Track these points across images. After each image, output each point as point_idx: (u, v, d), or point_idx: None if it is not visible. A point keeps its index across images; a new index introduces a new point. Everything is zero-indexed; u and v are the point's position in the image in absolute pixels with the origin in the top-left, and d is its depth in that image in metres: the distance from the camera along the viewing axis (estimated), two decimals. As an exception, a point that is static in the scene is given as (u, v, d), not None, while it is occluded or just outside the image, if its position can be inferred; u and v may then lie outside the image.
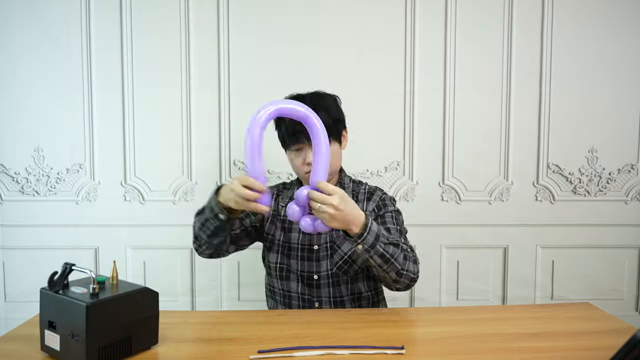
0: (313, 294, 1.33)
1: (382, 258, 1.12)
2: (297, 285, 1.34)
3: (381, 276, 1.17)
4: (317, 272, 1.33)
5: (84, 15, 1.95)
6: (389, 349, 0.94)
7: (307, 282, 1.33)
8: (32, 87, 1.96)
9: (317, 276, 1.33)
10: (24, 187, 1.99)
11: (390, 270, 1.13)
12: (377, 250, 1.10)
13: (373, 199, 1.38)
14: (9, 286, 2.03)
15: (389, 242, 1.13)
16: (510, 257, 2.06)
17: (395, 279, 1.16)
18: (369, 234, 1.08)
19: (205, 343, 1.01)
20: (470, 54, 1.99)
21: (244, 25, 1.97)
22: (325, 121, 1.12)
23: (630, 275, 2.08)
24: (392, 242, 1.14)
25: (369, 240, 1.09)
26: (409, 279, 1.17)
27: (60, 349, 0.88)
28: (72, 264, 0.91)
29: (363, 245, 1.09)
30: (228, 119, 1.99)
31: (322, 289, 1.33)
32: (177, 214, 2.01)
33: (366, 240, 1.09)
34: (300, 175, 1.34)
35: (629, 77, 2.00)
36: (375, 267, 1.14)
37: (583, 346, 0.98)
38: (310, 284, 1.33)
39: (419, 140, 2.01)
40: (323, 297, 1.33)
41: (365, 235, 1.08)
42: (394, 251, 1.13)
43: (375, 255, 1.11)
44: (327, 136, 1.08)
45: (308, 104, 1.16)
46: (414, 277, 1.18)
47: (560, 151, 2.02)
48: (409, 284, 1.18)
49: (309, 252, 1.34)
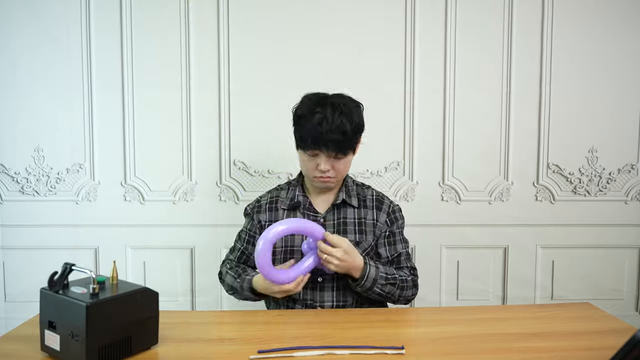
0: (316, 299, 1.30)
1: (380, 296, 1.27)
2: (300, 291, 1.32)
3: (380, 300, 1.32)
4: (321, 274, 1.30)
5: (84, 15, 1.95)
6: (389, 349, 0.94)
7: (310, 285, 1.29)
8: (32, 87, 1.96)
9: (320, 279, 1.31)
10: (24, 187, 1.99)
11: (389, 299, 1.31)
12: (374, 291, 1.25)
13: (383, 210, 1.37)
14: (9, 286, 2.03)
15: (386, 283, 1.25)
16: (510, 257, 2.06)
17: (394, 301, 1.33)
18: (366, 280, 1.22)
19: (205, 343, 1.01)
20: (470, 54, 1.99)
21: (244, 25, 1.97)
22: (344, 130, 1.22)
23: (630, 275, 2.08)
24: (389, 282, 1.26)
25: (366, 285, 1.23)
26: (406, 301, 1.32)
27: (60, 349, 0.88)
28: (72, 264, 0.91)
29: (361, 288, 1.24)
30: (228, 119, 1.99)
31: (326, 292, 1.31)
32: (177, 214, 2.01)
33: (364, 286, 1.23)
34: (308, 176, 1.33)
35: (629, 77, 2.00)
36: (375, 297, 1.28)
37: (583, 346, 0.98)
38: (314, 287, 1.31)
39: (419, 140, 2.01)
40: (326, 301, 1.30)
41: (363, 282, 1.22)
42: (390, 289, 1.26)
43: (373, 294, 1.26)
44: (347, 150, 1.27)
45: (330, 103, 1.24)
46: (411, 299, 1.33)
47: (560, 151, 2.02)
48: (405, 303, 1.34)
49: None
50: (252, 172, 2.01)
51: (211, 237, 2.01)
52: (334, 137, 1.22)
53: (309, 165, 1.29)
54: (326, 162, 1.26)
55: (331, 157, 1.26)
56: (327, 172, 1.28)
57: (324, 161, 1.26)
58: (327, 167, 1.27)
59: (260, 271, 1.16)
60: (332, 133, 1.22)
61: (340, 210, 1.35)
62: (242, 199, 2.00)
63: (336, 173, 1.29)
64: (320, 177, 1.29)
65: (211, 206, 2.02)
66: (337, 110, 1.24)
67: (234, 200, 2.02)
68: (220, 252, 2.01)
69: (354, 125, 1.26)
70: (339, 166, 1.28)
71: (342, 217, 1.34)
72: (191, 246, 2.03)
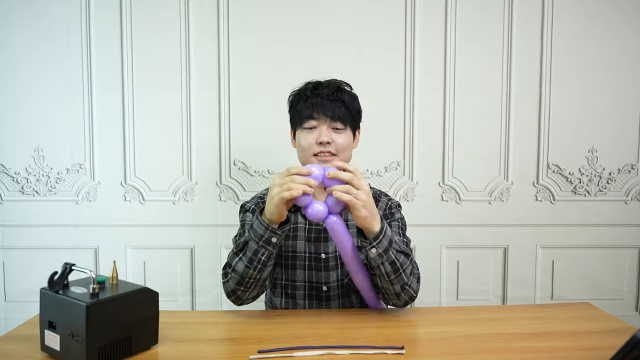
0: (322, 308, 1.27)
1: (393, 266, 1.08)
2: (303, 302, 1.27)
3: (385, 288, 1.12)
4: (325, 282, 1.26)
5: (84, 15, 1.95)
6: (389, 349, 0.94)
7: (315, 294, 1.26)
8: (32, 87, 1.96)
9: (326, 287, 1.26)
10: (24, 187, 1.99)
11: (396, 282, 1.10)
12: (389, 257, 1.06)
13: (379, 206, 1.31)
14: (9, 286, 2.03)
15: (400, 250, 1.11)
16: (510, 257, 2.06)
17: (397, 292, 1.12)
18: (384, 237, 1.05)
19: (205, 343, 1.00)
20: (470, 54, 1.99)
21: (244, 25, 1.97)
22: (342, 98, 1.21)
23: (630, 275, 2.08)
24: (403, 250, 1.12)
25: (383, 244, 1.05)
26: (409, 295, 1.14)
27: (60, 349, 0.88)
28: (72, 264, 0.91)
29: (377, 249, 1.05)
30: (228, 119, 1.99)
31: (332, 301, 1.27)
32: (177, 214, 2.01)
33: (381, 244, 1.05)
34: (307, 156, 1.23)
35: (629, 77, 2.00)
36: (383, 277, 1.09)
37: (583, 346, 0.98)
38: (319, 296, 1.27)
39: (419, 140, 2.01)
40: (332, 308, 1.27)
41: (381, 238, 1.04)
42: (404, 261, 1.10)
43: (386, 262, 1.06)
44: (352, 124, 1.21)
45: (325, 81, 1.25)
46: (414, 295, 1.15)
47: (560, 151, 2.02)
48: (407, 300, 1.15)
49: (317, 262, 1.26)
50: (252, 172, 2.01)
51: (211, 237, 2.02)
52: (331, 100, 1.22)
53: (309, 140, 1.21)
54: (326, 132, 1.20)
55: (330, 127, 1.22)
56: (328, 145, 1.20)
57: (324, 131, 1.20)
58: (327, 138, 1.19)
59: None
60: (329, 97, 1.22)
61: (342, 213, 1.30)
62: (242, 199, 2.00)
63: (337, 149, 1.22)
64: (321, 152, 1.21)
65: (211, 206, 2.02)
66: (333, 82, 1.26)
67: (234, 200, 2.02)
68: (220, 252, 2.01)
69: (351, 98, 1.25)
70: (339, 140, 1.22)
71: (345, 218, 1.28)
72: (191, 246, 2.03)
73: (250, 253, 1.09)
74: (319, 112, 1.21)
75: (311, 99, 1.23)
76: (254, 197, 1.36)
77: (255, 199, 1.34)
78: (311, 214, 1.04)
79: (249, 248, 1.09)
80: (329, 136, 1.20)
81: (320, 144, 1.20)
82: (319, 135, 1.20)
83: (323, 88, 1.24)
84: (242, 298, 1.15)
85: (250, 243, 1.09)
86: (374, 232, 1.05)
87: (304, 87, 1.28)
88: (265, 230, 1.06)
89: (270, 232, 1.06)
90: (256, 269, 1.09)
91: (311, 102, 1.22)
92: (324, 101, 1.21)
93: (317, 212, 1.04)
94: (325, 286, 1.26)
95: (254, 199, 1.34)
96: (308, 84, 1.28)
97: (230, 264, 1.13)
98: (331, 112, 1.21)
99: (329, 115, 1.21)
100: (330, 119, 1.21)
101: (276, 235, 1.06)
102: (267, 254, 1.08)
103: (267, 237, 1.06)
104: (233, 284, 1.13)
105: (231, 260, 1.13)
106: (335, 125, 1.22)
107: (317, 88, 1.24)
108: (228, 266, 1.14)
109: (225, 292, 1.16)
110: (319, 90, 1.23)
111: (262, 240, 1.07)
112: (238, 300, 1.16)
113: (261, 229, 1.06)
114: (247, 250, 1.09)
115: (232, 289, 1.14)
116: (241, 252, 1.11)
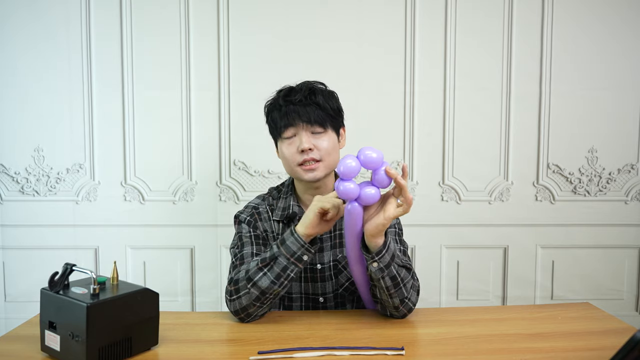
0: None
1: (393, 281, 1.07)
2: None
3: (384, 300, 1.11)
4: (322, 293, 1.25)
5: (84, 15, 1.95)
6: (389, 349, 0.94)
7: (312, 305, 1.25)
8: (32, 87, 1.96)
9: (322, 298, 1.25)
10: (24, 187, 1.99)
11: (396, 295, 1.09)
12: (390, 272, 1.06)
13: None
14: (9, 286, 2.03)
15: (402, 265, 1.09)
16: (510, 257, 2.06)
17: (396, 306, 1.11)
18: (387, 251, 1.04)
19: (205, 344, 1.01)
20: (471, 54, 1.98)
21: (244, 25, 1.97)
22: (317, 102, 1.18)
23: (630, 275, 2.08)
24: (405, 264, 1.11)
25: (385, 259, 1.04)
26: (407, 308, 1.13)
27: (60, 349, 0.88)
28: (73, 265, 0.91)
29: (379, 263, 1.04)
30: (228, 119, 1.99)
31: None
32: (177, 214, 2.01)
33: (383, 259, 1.04)
34: (292, 167, 1.20)
35: (629, 77, 2.00)
36: (383, 290, 1.08)
37: (583, 346, 0.98)
38: (316, 307, 1.26)
39: (419, 140, 2.01)
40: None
41: (383, 253, 1.04)
42: (405, 275, 1.09)
43: (387, 276, 1.06)
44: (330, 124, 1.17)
45: (296, 86, 1.22)
46: (412, 307, 1.14)
47: (560, 151, 2.02)
48: (405, 313, 1.14)
49: (312, 272, 1.25)
50: (252, 172, 2.01)
51: (211, 237, 2.02)
52: (305, 104, 1.18)
53: (291, 150, 1.19)
54: (306, 139, 1.17)
55: (309, 132, 1.18)
56: (311, 152, 1.17)
57: (304, 138, 1.17)
58: (308, 145, 1.16)
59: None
60: (302, 102, 1.18)
61: (337, 222, 1.21)
62: (242, 199, 2.00)
63: (321, 154, 1.18)
64: (305, 161, 1.17)
65: (211, 206, 2.02)
66: (305, 85, 1.22)
67: (234, 200, 2.02)
68: (220, 252, 2.02)
69: (326, 98, 1.20)
70: (321, 144, 1.18)
71: (338, 229, 1.25)
72: (191, 246, 2.03)
73: (278, 269, 1.08)
74: (294, 119, 1.18)
75: (284, 107, 1.19)
76: (247, 207, 1.31)
77: (250, 209, 1.29)
78: (343, 191, 1.00)
79: (277, 264, 1.08)
80: (309, 142, 1.17)
81: (302, 152, 1.17)
82: (300, 143, 1.17)
83: (295, 93, 1.20)
84: (252, 315, 1.12)
85: (279, 259, 1.08)
86: (377, 246, 1.04)
87: (276, 95, 1.25)
88: (299, 248, 1.07)
89: (304, 250, 1.07)
90: (282, 285, 1.09)
91: (285, 110, 1.19)
92: (297, 107, 1.18)
93: (348, 190, 1.00)
94: (322, 297, 1.26)
95: (248, 209, 1.30)
96: (280, 91, 1.24)
97: (252, 279, 1.09)
98: (307, 117, 1.17)
99: (305, 120, 1.18)
100: (308, 123, 1.18)
101: (308, 253, 1.08)
102: (296, 270, 1.09)
103: (300, 255, 1.07)
104: (248, 300, 1.10)
105: (254, 276, 1.09)
106: (315, 130, 1.19)
107: (289, 94, 1.21)
108: (240, 282, 1.11)
109: (234, 309, 1.12)
110: (291, 96, 1.20)
111: (294, 257, 1.07)
112: (248, 317, 1.12)
113: (295, 246, 1.07)
114: (274, 266, 1.08)
115: (244, 306, 1.10)
116: (266, 267, 1.09)
